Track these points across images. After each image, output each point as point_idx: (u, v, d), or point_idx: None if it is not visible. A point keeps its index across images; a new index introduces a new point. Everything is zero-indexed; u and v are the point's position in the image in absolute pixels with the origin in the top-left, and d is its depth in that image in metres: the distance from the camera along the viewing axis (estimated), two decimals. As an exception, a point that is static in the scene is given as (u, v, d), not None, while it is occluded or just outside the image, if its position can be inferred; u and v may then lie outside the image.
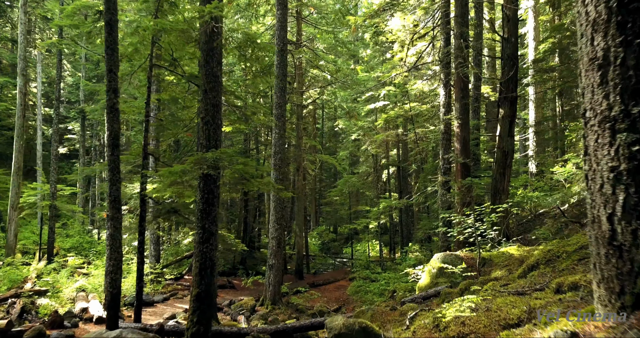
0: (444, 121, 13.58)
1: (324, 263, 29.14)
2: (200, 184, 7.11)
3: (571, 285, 3.61)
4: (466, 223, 8.83)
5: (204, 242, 7.00)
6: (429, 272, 9.01)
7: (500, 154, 12.62)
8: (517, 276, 5.95)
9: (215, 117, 7.24)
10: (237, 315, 13.11)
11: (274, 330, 8.35)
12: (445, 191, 13.24)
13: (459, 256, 8.72)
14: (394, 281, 17.03)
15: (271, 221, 14.75)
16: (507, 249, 8.87)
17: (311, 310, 15.12)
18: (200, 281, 6.89)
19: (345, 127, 30.74)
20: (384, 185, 31.01)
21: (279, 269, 14.64)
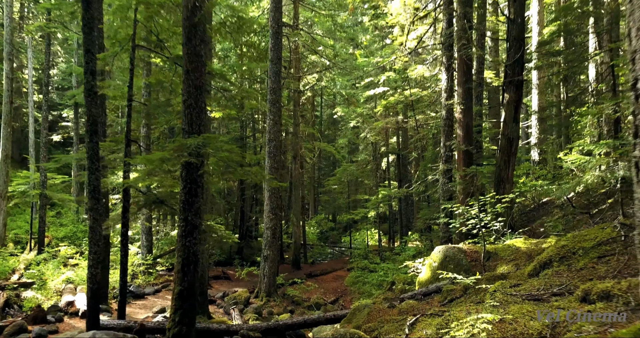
0: (446, 107, 12.98)
1: (322, 253, 28.72)
2: (183, 173, 6.56)
3: (602, 294, 3.07)
4: (469, 214, 8.29)
5: (187, 235, 6.47)
6: (430, 266, 8.50)
7: (504, 141, 12.04)
8: (528, 273, 5.42)
9: (198, 100, 6.65)
10: (230, 308, 12.65)
11: (265, 328, 7.87)
12: (446, 180, 12.69)
13: (462, 250, 8.20)
14: (393, 272, 16.57)
15: (266, 211, 14.23)
16: (513, 242, 8.35)
17: (307, 302, 14.69)
18: (183, 278, 6.37)
19: (344, 114, 30.11)
20: (383, 173, 30.46)
21: (274, 260, 14.17)
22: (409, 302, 7.23)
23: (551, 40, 16.75)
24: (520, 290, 4.26)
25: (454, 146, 12.44)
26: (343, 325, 7.20)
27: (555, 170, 22.74)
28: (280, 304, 13.85)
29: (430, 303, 6.88)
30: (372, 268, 18.65)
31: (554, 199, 17.80)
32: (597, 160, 7.38)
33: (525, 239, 8.44)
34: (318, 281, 18.70)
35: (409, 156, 25.53)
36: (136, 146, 9.28)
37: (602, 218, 8.53)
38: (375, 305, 7.22)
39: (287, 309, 13.49)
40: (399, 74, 21.96)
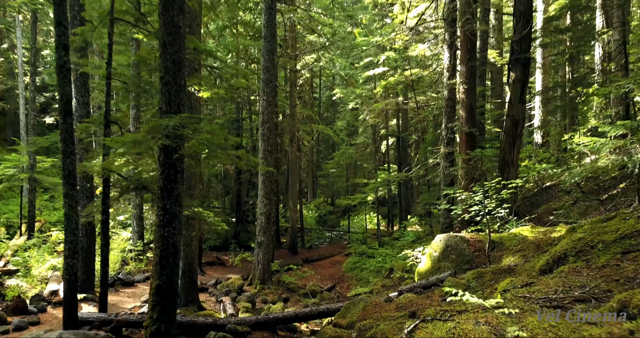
0: (448, 86, 12.32)
1: (320, 237, 28.32)
2: (161, 157, 5.97)
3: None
4: (472, 200, 7.74)
5: (166, 225, 5.91)
6: (430, 256, 7.98)
7: (509, 123, 11.43)
8: (539, 268, 4.88)
9: (176, 76, 6.02)
10: (223, 296, 12.21)
11: (254, 322, 7.38)
12: (448, 164, 12.11)
13: (464, 238, 7.66)
14: (391, 258, 16.14)
15: (260, 196, 13.68)
16: (519, 230, 7.81)
17: (303, 290, 14.27)
18: (161, 271, 5.84)
19: (343, 96, 29.35)
20: (382, 157, 29.87)
21: (268, 246, 13.68)
22: (408, 295, 6.73)
23: (560, 16, 15.94)
24: (534, 291, 3.72)
25: (456, 128, 11.82)
26: (336, 319, 6.71)
27: (559, 153, 22.17)
28: (274, 291, 13.42)
29: (431, 298, 6.37)
30: (370, 253, 18.22)
31: (558, 183, 17.28)
32: (613, 142, 6.81)
33: (532, 227, 7.90)
34: (315, 267, 18.28)
35: (409, 138, 24.91)
36: (118, 128, 8.67)
37: (615, 205, 7.98)
38: (371, 299, 6.72)
39: (282, 297, 13.06)
40: (399, 53, 21.19)
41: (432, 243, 8.09)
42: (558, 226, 7.39)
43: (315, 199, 37.14)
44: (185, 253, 10.54)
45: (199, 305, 10.79)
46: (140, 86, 8.96)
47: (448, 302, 5.92)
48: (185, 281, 10.52)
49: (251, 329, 7.32)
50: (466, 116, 11.71)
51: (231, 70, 9.03)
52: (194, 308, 10.49)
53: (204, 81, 9.88)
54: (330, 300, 13.49)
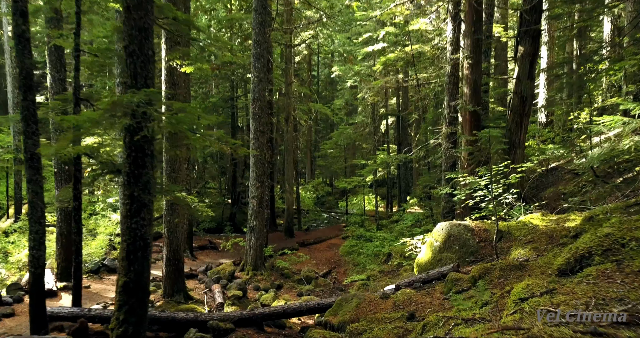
0: (451, 62, 11.49)
1: (318, 219, 27.80)
2: (126, 139, 5.24)
3: None
4: (477, 185, 7.06)
5: (133, 216, 5.23)
6: (431, 245, 7.33)
7: (517, 100, 10.67)
8: (558, 268, 4.22)
9: (143, 46, 5.23)
10: (213, 283, 11.64)
11: (238, 318, 6.78)
12: (450, 145, 11.38)
13: (469, 227, 7.00)
14: (389, 242, 15.56)
15: (251, 179, 13.00)
16: (529, 218, 7.14)
17: (297, 275, 13.71)
18: (129, 267, 5.18)
19: (341, 73, 28.38)
20: (382, 137, 29.10)
21: (261, 231, 13.07)
22: (406, 291, 6.11)
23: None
24: (559, 303, 3.06)
25: (459, 106, 11.05)
26: (328, 317, 6.10)
27: (565, 133, 21.39)
28: (267, 278, 12.86)
29: (432, 295, 5.75)
30: (368, 236, 17.66)
31: (564, 164, 16.59)
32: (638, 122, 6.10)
33: (542, 215, 7.23)
34: (311, 251, 17.73)
35: (409, 118, 24.08)
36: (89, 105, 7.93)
37: (634, 190, 7.29)
38: (366, 295, 6.09)
39: (275, 283, 12.51)
40: (399, 28, 20.21)
41: (433, 232, 7.44)
42: (572, 214, 6.72)
43: (313, 180, 36.50)
44: (169, 240, 9.92)
45: (185, 294, 10.22)
46: (115, 59, 8.16)
47: (452, 303, 5.29)
48: (170, 269, 9.93)
49: (235, 326, 6.72)
50: (470, 93, 10.93)
51: (215, 42, 8.20)
52: (180, 297, 9.93)
53: (187, 54, 9.08)
54: (326, 287, 12.95)
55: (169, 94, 9.74)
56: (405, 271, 11.08)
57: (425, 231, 14.40)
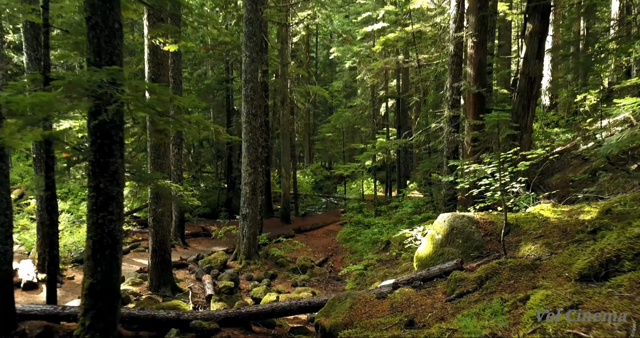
0: (455, 40, 10.79)
1: (316, 204, 27.31)
2: (90, 124, 4.65)
3: None
4: (483, 173, 6.49)
5: (100, 210, 4.67)
6: (432, 238, 6.80)
7: (524, 82, 10.03)
8: (579, 272, 3.68)
9: (107, 17, 4.59)
10: (203, 273, 11.18)
11: (223, 317, 6.28)
12: (452, 129, 10.77)
13: (473, 220, 6.45)
14: (388, 229, 15.07)
15: (244, 164, 12.43)
16: (539, 209, 6.59)
17: (293, 264, 13.26)
18: (95, 267, 4.64)
19: (340, 54, 27.52)
20: (382, 120, 28.39)
21: (254, 219, 12.55)
22: (405, 290, 5.59)
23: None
24: (590, 325, 2.52)
25: (463, 87, 10.41)
26: (319, 318, 5.59)
27: (569, 116, 20.74)
28: (261, 267, 12.40)
29: (433, 295, 5.23)
30: (367, 222, 17.17)
31: (570, 148, 16.00)
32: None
33: (553, 205, 6.67)
34: (307, 238, 17.27)
35: (409, 100, 23.35)
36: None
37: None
38: (361, 295, 5.57)
39: (269, 273, 12.05)
40: (400, 7, 19.38)
41: (435, 223, 6.89)
42: (585, 205, 6.16)
43: (311, 164, 35.90)
44: (155, 230, 9.40)
45: (173, 286, 9.75)
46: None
47: (454, 301, 4.78)
48: (156, 260, 9.43)
49: (220, 326, 6.23)
50: (475, 74, 10.27)
51: (200, 19, 7.53)
52: (167, 290, 9.46)
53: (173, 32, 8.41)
54: (322, 276, 12.50)
55: (152, 75, 9.09)
56: (405, 260, 10.59)
57: (425, 219, 13.89)
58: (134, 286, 9.51)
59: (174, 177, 14.35)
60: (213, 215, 22.59)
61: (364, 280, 10.98)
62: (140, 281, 9.74)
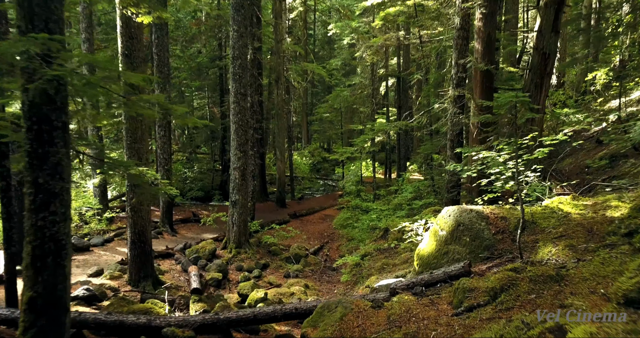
0: (461, 12, 9.83)
1: (313, 187, 26.58)
2: (25, 107, 3.83)
3: None
4: (495, 162, 5.70)
5: (39, 209, 3.89)
6: (435, 235, 6.04)
7: (537, 58, 9.15)
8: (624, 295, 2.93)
9: (40, -26, 3.73)
10: (190, 264, 10.49)
11: (199, 323, 5.58)
12: (457, 110, 9.92)
13: (482, 214, 5.68)
14: (387, 215, 14.36)
15: (232, 148, 11.62)
16: (557, 202, 5.81)
17: (286, 252, 12.59)
18: (36, 277, 3.88)
19: (338, 30, 26.35)
20: (381, 99, 27.40)
21: (244, 206, 11.81)
22: (404, 297, 4.86)
23: None
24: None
25: (469, 64, 9.51)
26: (305, 329, 4.87)
27: (578, 95, 19.79)
28: (252, 256, 11.72)
29: (437, 306, 4.50)
30: (365, 207, 16.47)
31: (581, 130, 15.17)
32: None
33: (572, 198, 5.89)
34: (303, 223, 16.59)
35: (410, 79, 22.36)
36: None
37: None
38: (354, 303, 4.84)
39: (260, 263, 11.38)
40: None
41: (438, 218, 6.12)
42: (612, 198, 5.38)
43: (309, 145, 35.02)
44: (133, 221, 8.65)
45: (155, 280, 9.07)
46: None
47: (462, 315, 4.06)
48: (135, 253, 8.71)
49: (196, 333, 5.53)
50: (483, 50, 9.36)
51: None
52: (147, 284, 8.77)
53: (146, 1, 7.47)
54: (316, 266, 11.83)
55: (125, 50, 8.19)
56: (404, 250, 9.89)
57: (426, 205, 13.15)
58: (112, 281, 8.81)
59: (160, 161, 13.56)
60: (207, 197, 21.88)
61: (361, 271, 10.31)
62: (119, 275, 9.05)
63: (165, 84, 13.55)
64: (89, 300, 7.48)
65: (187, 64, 20.82)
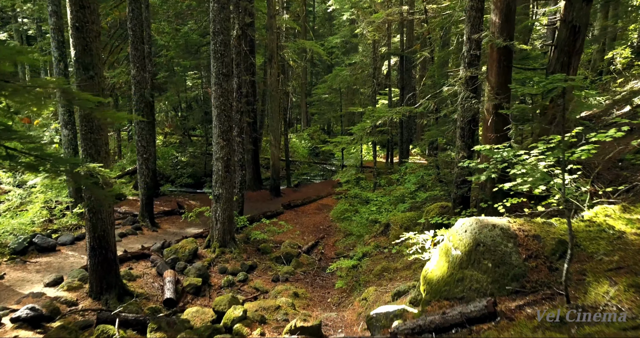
0: (476, -22, 8.41)
1: (311, 172, 25.34)
2: None
3: None
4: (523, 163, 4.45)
5: None
6: (447, 254, 4.81)
7: (565, 32, 7.77)
8: None
9: None
10: (166, 268, 9.34)
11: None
12: (469, 93, 8.58)
13: (508, 232, 4.44)
14: (388, 206, 13.16)
15: (214, 135, 10.35)
16: (602, 215, 4.56)
17: (277, 251, 11.46)
18: None
19: (338, 6, 24.66)
20: (383, 79, 25.90)
21: (228, 200, 10.61)
22: (408, 348, 3.65)
23: None
24: None
25: (485, 40, 8.13)
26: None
27: (596, 75, 18.35)
28: (238, 256, 10.58)
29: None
30: (364, 197, 15.24)
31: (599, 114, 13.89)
32: None
33: (623, 209, 4.64)
34: (297, 215, 15.42)
35: (414, 57, 20.86)
36: None
37: None
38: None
39: (246, 264, 10.23)
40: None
41: (451, 232, 4.89)
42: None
43: (308, 127, 33.63)
44: (92, 224, 7.46)
45: (121, 289, 7.92)
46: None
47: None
48: (96, 261, 7.55)
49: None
50: (501, 22, 7.97)
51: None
52: (112, 296, 7.64)
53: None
54: (309, 267, 10.70)
55: (76, 22, 6.86)
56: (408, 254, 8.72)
57: (432, 199, 11.93)
58: (70, 292, 7.67)
59: (138, 149, 12.31)
60: (198, 184, 20.70)
61: (358, 276, 9.16)
62: (79, 285, 7.90)
63: (143, 63, 12.19)
64: (34, 322, 6.33)
65: (174, 41, 19.33)
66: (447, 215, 8.14)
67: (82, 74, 7.01)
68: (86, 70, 7.03)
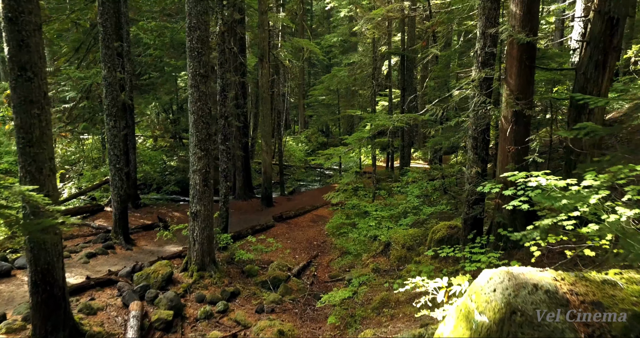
0: (492, -37, 7.18)
1: (307, 178, 24.08)
2: None
3: None
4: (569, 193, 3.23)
5: None
6: (467, 319, 3.57)
7: (600, 26, 6.55)
8: None
9: None
10: (134, 298, 8.11)
11: None
12: (484, 98, 7.33)
13: (556, 297, 3.20)
14: (388, 222, 11.93)
15: (191, 145, 9.12)
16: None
17: (264, 273, 10.24)
18: None
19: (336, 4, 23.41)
20: (384, 80, 24.66)
21: (207, 218, 9.37)
22: None
23: None
24: None
25: (503, 35, 6.90)
26: None
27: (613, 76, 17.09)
28: (219, 281, 9.34)
29: None
30: (363, 208, 14.00)
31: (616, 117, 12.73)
32: None
33: None
34: (290, 228, 14.18)
35: (416, 57, 19.62)
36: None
37: None
38: None
39: (228, 291, 8.99)
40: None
41: (474, 289, 3.64)
42: None
43: (306, 130, 32.37)
44: (34, 255, 6.22)
45: (72, 330, 6.69)
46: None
47: None
48: (39, 299, 6.30)
49: None
50: (523, 14, 6.74)
51: None
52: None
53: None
54: (299, 293, 9.46)
55: (9, 11, 5.63)
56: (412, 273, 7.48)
57: (437, 215, 10.71)
58: (8, 336, 6.43)
59: (111, 158, 11.08)
60: (185, 191, 19.43)
61: (354, 310, 7.91)
62: (21, 326, 6.66)
63: (115, 62, 10.95)
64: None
65: (160, 39, 18.06)
66: (458, 246, 6.89)
67: (18, 75, 5.78)
68: (23, 70, 5.80)
